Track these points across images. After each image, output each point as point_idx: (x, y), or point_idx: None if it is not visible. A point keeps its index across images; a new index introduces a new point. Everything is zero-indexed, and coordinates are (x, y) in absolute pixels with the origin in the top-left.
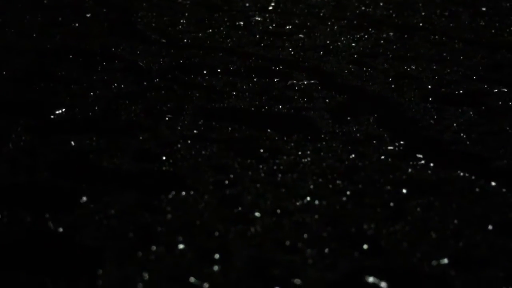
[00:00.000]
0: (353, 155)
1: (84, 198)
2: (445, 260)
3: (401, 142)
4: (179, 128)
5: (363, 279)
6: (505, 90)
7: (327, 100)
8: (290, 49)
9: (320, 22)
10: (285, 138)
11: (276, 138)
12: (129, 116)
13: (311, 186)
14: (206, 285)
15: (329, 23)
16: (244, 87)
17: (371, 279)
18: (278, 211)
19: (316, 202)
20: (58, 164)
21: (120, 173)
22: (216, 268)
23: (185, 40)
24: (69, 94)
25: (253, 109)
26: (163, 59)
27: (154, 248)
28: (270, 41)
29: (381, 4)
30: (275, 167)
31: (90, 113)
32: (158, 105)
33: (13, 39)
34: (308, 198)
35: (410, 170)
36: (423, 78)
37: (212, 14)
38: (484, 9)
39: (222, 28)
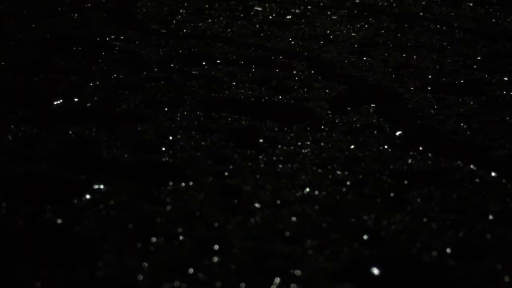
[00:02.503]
0: (353, 145)
1: (83, 189)
2: (445, 250)
3: (401, 132)
4: (178, 118)
5: (363, 270)
6: (506, 79)
7: (327, 90)
8: (290, 39)
9: (320, 11)
10: (285, 129)
11: (276, 129)
12: (128, 107)
13: (311, 177)
14: (205, 276)
15: (329, 12)
16: (244, 77)
17: (371, 270)
18: (278, 201)
19: (316, 192)
20: (57, 155)
21: (120, 164)
22: (215, 259)
23: (185, 30)
24: (68, 85)
25: (252, 99)
26: (163, 49)
27: (153, 239)
28: (270, 31)
29: None
30: (274, 158)
31: (89, 104)
32: (157, 95)
33: (12, 29)
34: (308, 189)
35: (410, 160)
36: (423, 68)
37: (212, 4)
38: None
39: (221, 18)
